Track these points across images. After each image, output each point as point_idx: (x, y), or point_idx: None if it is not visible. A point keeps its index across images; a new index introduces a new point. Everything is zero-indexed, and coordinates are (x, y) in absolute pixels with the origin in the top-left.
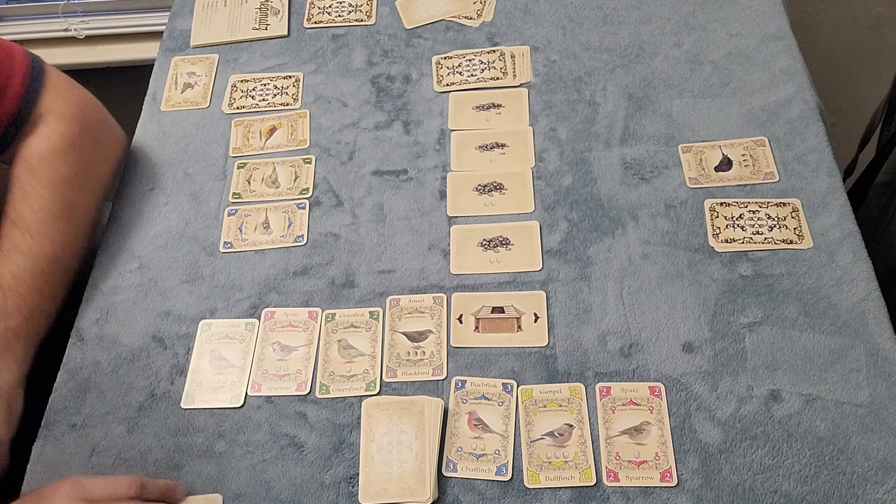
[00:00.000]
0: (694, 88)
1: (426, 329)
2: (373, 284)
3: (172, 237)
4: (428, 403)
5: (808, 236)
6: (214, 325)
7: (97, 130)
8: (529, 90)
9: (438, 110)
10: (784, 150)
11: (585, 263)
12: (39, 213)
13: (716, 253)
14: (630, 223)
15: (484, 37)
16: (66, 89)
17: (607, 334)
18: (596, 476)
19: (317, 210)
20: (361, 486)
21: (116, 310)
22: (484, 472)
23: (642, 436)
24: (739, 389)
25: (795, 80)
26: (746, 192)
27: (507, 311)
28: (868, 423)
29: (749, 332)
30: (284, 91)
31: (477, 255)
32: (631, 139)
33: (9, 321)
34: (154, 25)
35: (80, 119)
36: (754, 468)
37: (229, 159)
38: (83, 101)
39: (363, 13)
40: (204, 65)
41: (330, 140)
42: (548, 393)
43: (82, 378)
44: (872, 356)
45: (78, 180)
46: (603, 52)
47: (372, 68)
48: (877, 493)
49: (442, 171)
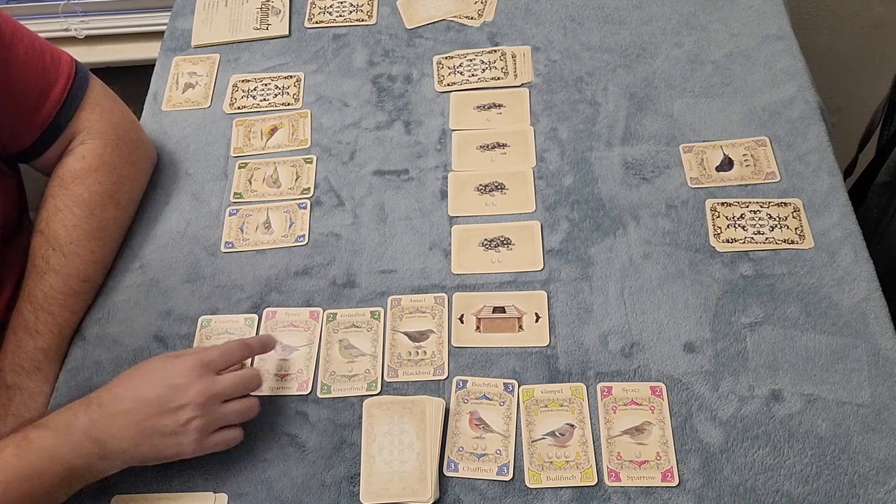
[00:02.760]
0: (695, 88)
1: (427, 329)
2: (374, 284)
3: (174, 237)
4: (429, 403)
5: (809, 236)
6: (214, 320)
7: (131, 149)
8: (530, 90)
9: (439, 110)
10: (785, 149)
11: (586, 263)
12: (73, 231)
13: (717, 253)
14: (631, 223)
15: (485, 37)
16: (106, 105)
17: (608, 334)
18: (597, 476)
19: (318, 210)
20: (363, 486)
21: (118, 309)
22: (485, 472)
23: (643, 436)
24: (741, 389)
25: (796, 79)
26: (747, 191)
27: (508, 310)
28: (869, 423)
29: (750, 331)
30: (285, 91)
31: (478, 254)
32: (632, 139)
33: (39, 340)
34: (154, 25)
35: (116, 138)
36: (755, 468)
37: (230, 159)
38: (121, 119)
39: (364, 13)
40: (205, 65)
41: (331, 140)
42: (549, 393)
43: (83, 378)
44: (874, 356)
45: (111, 199)
46: (604, 52)
47: (373, 68)
48: (878, 492)
49: (443, 171)
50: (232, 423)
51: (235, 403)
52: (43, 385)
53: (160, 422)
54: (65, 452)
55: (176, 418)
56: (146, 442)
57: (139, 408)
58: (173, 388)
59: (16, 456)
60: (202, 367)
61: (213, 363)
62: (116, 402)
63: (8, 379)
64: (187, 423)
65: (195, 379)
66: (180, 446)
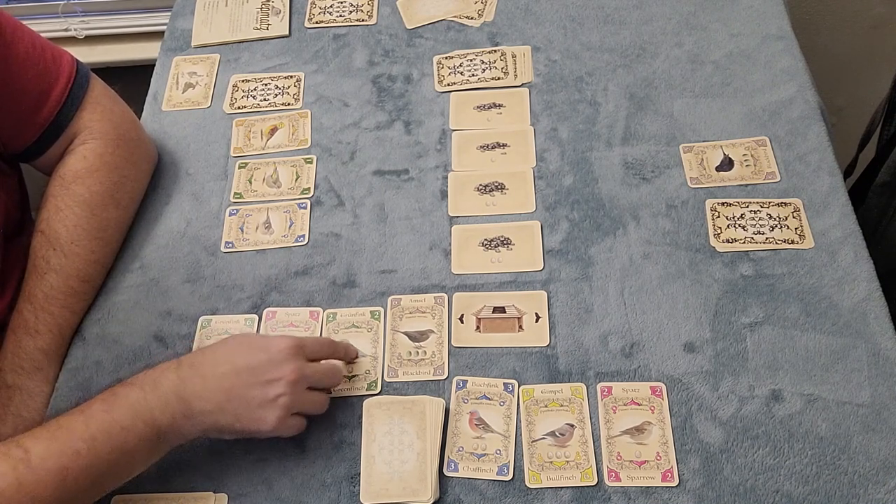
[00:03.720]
0: (695, 88)
1: (427, 329)
2: (374, 284)
3: (174, 237)
4: (429, 403)
5: (809, 236)
6: (214, 320)
7: (132, 149)
8: (530, 90)
9: (439, 110)
10: (785, 149)
11: (587, 263)
12: (73, 231)
13: (717, 253)
14: (631, 223)
15: (485, 37)
16: (107, 105)
17: (608, 334)
18: (597, 476)
19: (318, 210)
20: (363, 486)
21: (118, 310)
22: (485, 472)
23: (643, 436)
24: (741, 389)
25: (797, 80)
26: (748, 191)
27: (508, 310)
28: (869, 423)
29: (750, 331)
30: (286, 91)
31: (478, 254)
32: (632, 139)
33: (39, 341)
34: (154, 25)
35: (116, 137)
36: (756, 468)
37: (230, 159)
38: (122, 118)
39: (364, 13)
40: (205, 65)
41: (331, 140)
42: (549, 393)
43: (83, 378)
44: (874, 356)
45: (112, 199)
46: (604, 52)
47: (373, 68)
48: (878, 492)
49: (443, 171)
50: (307, 411)
51: (315, 394)
52: (43, 385)
53: (249, 392)
54: (152, 408)
55: (265, 391)
56: (230, 409)
57: (231, 374)
58: (269, 362)
59: (103, 410)
60: (298, 348)
61: (306, 349)
62: (208, 365)
63: (8, 379)
64: (276, 399)
65: (290, 358)
66: (262, 421)
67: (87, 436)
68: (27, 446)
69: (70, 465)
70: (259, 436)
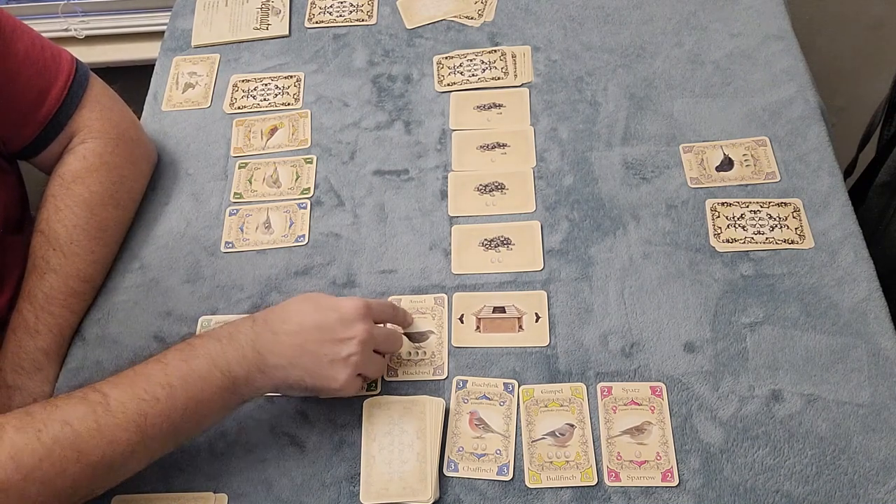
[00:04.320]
0: (695, 88)
1: (427, 329)
2: (374, 284)
3: (173, 237)
4: (429, 403)
5: (809, 236)
6: (214, 320)
7: (132, 149)
8: (530, 90)
9: (439, 110)
10: (785, 150)
11: (587, 263)
12: (73, 231)
13: (717, 253)
14: (631, 223)
15: (485, 37)
16: (106, 104)
17: (608, 334)
18: (597, 476)
19: (318, 210)
20: (363, 486)
21: (118, 310)
22: (485, 472)
23: (643, 435)
24: (741, 389)
25: (797, 80)
26: (748, 191)
27: (508, 310)
28: (869, 423)
29: (750, 331)
30: (285, 91)
31: (478, 254)
32: (632, 139)
33: (39, 340)
34: (154, 25)
35: (116, 137)
36: (756, 468)
37: (230, 159)
38: (121, 118)
39: (364, 13)
40: (205, 65)
41: (331, 140)
42: (549, 393)
43: (84, 378)
44: (874, 356)
45: (111, 199)
46: (604, 52)
47: (373, 68)
48: (878, 492)
49: (443, 171)
50: (368, 374)
51: (378, 357)
52: (43, 385)
53: (322, 349)
54: (228, 358)
55: (337, 350)
56: (301, 364)
57: (304, 331)
58: (341, 321)
59: (181, 360)
60: (368, 310)
61: (374, 311)
62: (282, 322)
63: (8, 379)
64: (347, 358)
65: (361, 318)
66: (332, 379)
67: (165, 382)
68: (105, 391)
69: (149, 410)
70: (325, 394)
